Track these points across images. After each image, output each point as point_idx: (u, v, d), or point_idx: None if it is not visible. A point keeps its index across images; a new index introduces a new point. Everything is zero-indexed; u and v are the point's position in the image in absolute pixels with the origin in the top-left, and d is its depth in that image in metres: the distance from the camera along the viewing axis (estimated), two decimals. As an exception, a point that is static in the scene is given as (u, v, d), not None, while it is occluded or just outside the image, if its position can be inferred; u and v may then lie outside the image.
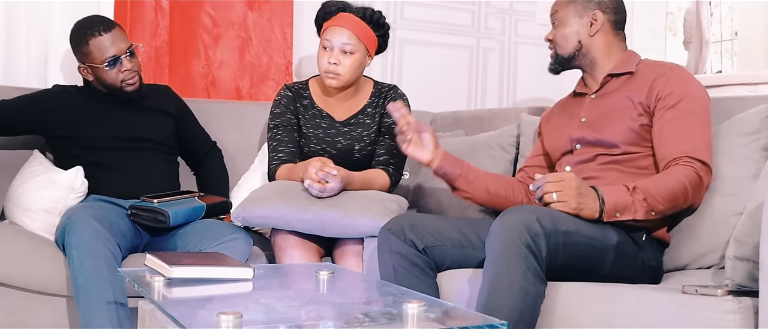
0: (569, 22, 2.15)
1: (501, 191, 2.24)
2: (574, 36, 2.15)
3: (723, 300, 1.51)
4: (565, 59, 2.18)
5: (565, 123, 2.20)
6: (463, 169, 2.21)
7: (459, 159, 2.24)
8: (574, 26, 2.15)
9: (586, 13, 2.13)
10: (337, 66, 2.46)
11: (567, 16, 2.16)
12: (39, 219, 2.36)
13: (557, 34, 2.18)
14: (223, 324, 1.20)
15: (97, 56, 2.45)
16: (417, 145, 2.19)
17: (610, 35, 2.15)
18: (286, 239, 2.33)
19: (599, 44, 2.14)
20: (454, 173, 2.20)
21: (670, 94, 1.98)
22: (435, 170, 2.21)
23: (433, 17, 3.62)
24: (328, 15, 2.51)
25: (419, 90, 3.32)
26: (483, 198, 2.24)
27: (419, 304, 1.35)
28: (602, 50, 2.14)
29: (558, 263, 1.78)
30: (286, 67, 3.24)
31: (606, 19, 2.14)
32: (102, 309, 2.07)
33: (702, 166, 1.91)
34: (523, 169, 2.36)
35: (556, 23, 2.19)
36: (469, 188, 2.22)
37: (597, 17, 2.13)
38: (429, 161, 2.19)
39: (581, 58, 2.16)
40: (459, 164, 2.21)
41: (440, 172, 2.21)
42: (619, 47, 2.17)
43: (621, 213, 1.85)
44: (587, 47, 2.15)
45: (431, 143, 2.18)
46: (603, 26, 2.13)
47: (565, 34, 2.16)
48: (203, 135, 2.82)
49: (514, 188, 2.27)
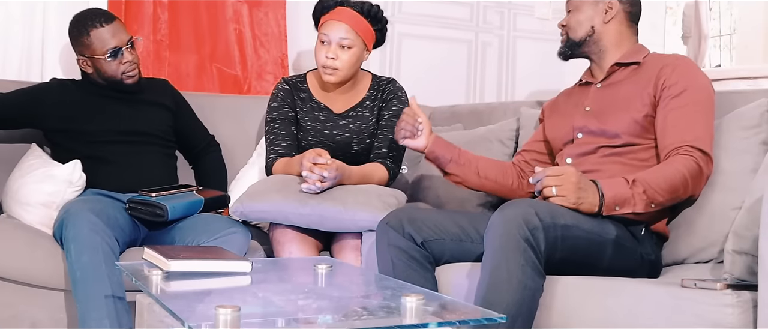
0: (584, 8, 2.16)
1: (491, 175, 2.24)
2: (587, 21, 2.15)
3: (722, 294, 1.51)
4: (576, 44, 2.18)
5: (569, 112, 2.20)
6: (453, 153, 2.23)
7: (451, 144, 2.25)
8: (589, 12, 2.15)
9: (603, 1, 2.14)
10: (334, 61, 2.45)
11: (583, 2, 2.16)
12: (37, 213, 2.36)
13: (571, 19, 2.19)
14: (222, 318, 1.20)
15: (98, 47, 2.45)
16: (413, 135, 2.22)
17: (623, 25, 2.15)
18: (285, 233, 2.33)
19: (611, 33, 2.14)
20: (445, 157, 2.22)
21: (675, 83, 1.98)
22: (427, 154, 2.23)
23: (432, 11, 3.61)
24: (325, 9, 2.50)
25: (418, 84, 3.31)
26: (474, 181, 2.25)
27: (418, 298, 1.35)
28: (613, 39, 2.15)
29: (557, 257, 1.78)
30: (282, 61, 3.23)
31: (621, 8, 2.14)
32: (100, 303, 2.06)
33: (702, 155, 1.91)
34: (520, 153, 2.37)
35: (571, 9, 2.20)
36: (459, 171, 2.23)
37: (613, 5, 2.14)
38: (424, 147, 2.20)
39: (591, 45, 2.16)
40: (450, 147, 2.23)
41: (432, 156, 2.23)
42: (630, 39, 2.17)
43: (620, 206, 1.85)
44: (599, 34, 2.15)
45: (426, 129, 2.20)
46: (617, 15, 2.14)
47: (579, 20, 2.17)
48: (201, 129, 2.81)
49: (507, 172, 2.28)
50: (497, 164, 2.30)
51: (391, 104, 2.56)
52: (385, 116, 2.55)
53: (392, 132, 2.51)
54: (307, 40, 3.21)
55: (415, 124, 2.20)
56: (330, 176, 2.24)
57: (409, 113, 2.21)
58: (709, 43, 5.94)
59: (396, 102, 2.56)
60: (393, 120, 2.53)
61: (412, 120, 2.20)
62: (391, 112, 2.55)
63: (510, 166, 2.31)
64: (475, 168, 2.24)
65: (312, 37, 2.57)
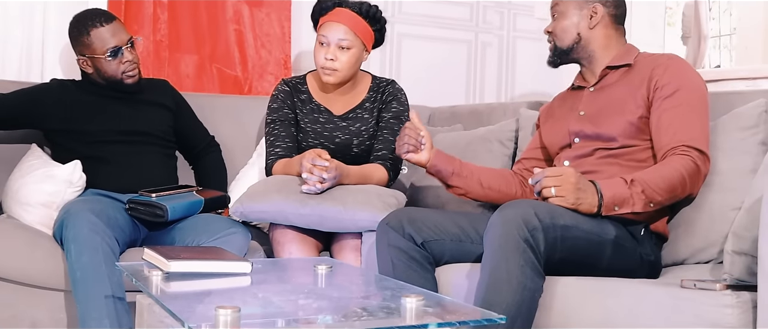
0: (569, 15, 2.15)
1: (494, 184, 2.24)
2: (573, 28, 2.15)
3: (721, 295, 1.51)
4: (564, 51, 2.18)
5: (563, 116, 2.20)
6: (455, 165, 2.21)
7: (451, 156, 2.24)
8: (574, 19, 2.15)
9: (587, 6, 2.13)
10: (333, 62, 2.45)
11: (567, 9, 2.15)
12: (37, 213, 2.36)
13: (557, 27, 2.18)
14: (222, 318, 1.20)
15: (98, 47, 2.45)
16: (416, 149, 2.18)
17: (609, 29, 2.15)
18: (285, 233, 2.33)
19: (598, 37, 2.14)
20: (447, 171, 2.20)
21: (667, 83, 1.98)
22: (428, 168, 2.21)
23: (432, 11, 3.61)
24: (324, 10, 2.50)
25: (417, 84, 3.32)
26: (477, 192, 2.24)
27: (417, 298, 1.35)
28: (601, 43, 2.14)
29: (556, 257, 1.78)
30: (285, 62, 3.23)
31: (606, 12, 2.13)
32: (100, 303, 2.06)
33: (699, 155, 1.91)
34: (520, 161, 2.36)
35: (556, 16, 2.19)
36: (462, 183, 2.22)
37: (597, 10, 2.13)
38: (427, 161, 2.19)
39: (580, 51, 2.16)
40: (451, 160, 2.21)
41: (433, 170, 2.21)
42: (619, 41, 2.17)
43: (619, 207, 1.85)
44: (586, 40, 2.14)
45: (428, 143, 2.19)
46: (603, 19, 2.13)
47: (565, 27, 2.16)
48: (201, 129, 2.81)
49: (509, 180, 2.27)
50: (499, 173, 2.29)
51: (390, 105, 2.56)
52: (384, 117, 2.55)
53: (392, 134, 2.51)
54: (308, 41, 3.21)
55: (418, 138, 2.18)
56: (329, 176, 2.24)
57: (411, 127, 2.18)
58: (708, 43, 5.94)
59: (396, 104, 2.56)
60: (393, 122, 2.53)
61: (414, 134, 2.17)
62: (390, 113, 2.55)
63: (511, 174, 2.31)
64: (478, 179, 2.23)
65: (312, 37, 2.57)
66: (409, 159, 2.20)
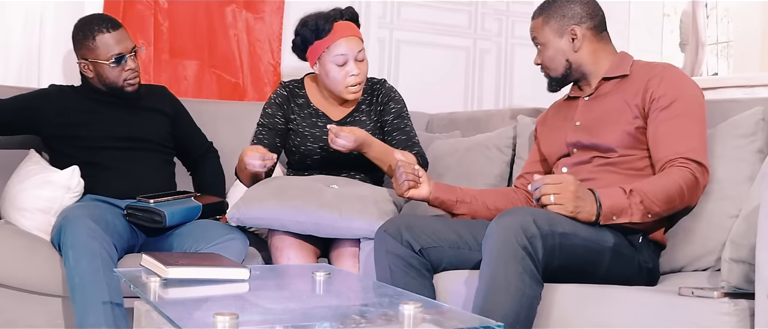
0: (551, 44, 2.16)
1: (500, 205, 2.23)
2: (560, 56, 2.15)
3: (719, 302, 1.51)
4: (560, 80, 2.19)
5: (559, 127, 2.20)
6: (457, 194, 2.21)
7: (450, 185, 2.24)
8: (557, 44, 2.15)
9: (565, 31, 2.13)
10: (357, 76, 2.46)
11: (547, 39, 2.16)
12: (35, 219, 2.36)
13: (544, 58, 2.19)
14: (220, 325, 1.20)
15: (102, 52, 2.45)
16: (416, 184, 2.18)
17: (594, 43, 2.15)
18: (283, 239, 2.33)
19: (586, 56, 2.14)
20: (450, 200, 2.20)
21: (663, 95, 1.98)
22: (431, 201, 2.21)
23: (430, 18, 3.62)
24: (323, 32, 2.46)
25: (416, 91, 3.32)
26: (484, 215, 2.23)
27: (415, 305, 1.35)
28: (591, 60, 2.15)
29: (554, 265, 1.78)
30: (275, 68, 3.24)
31: (585, 29, 2.13)
32: (98, 310, 2.06)
33: (698, 167, 1.91)
34: (521, 176, 2.36)
35: (539, 47, 2.20)
36: (467, 209, 2.22)
37: (576, 32, 2.12)
38: (428, 194, 2.19)
39: (574, 74, 2.17)
40: (452, 189, 2.22)
41: (437, 202, 2.21)
42: (607, 50, 2.17)
43: (618, 216, 1.85)
44: (576, 63, 2.15)
45: (424, 176, 2.19)
46: (584, 38, 2.13)
47: (551, 57, 2.17)
48: (199, 135, 2.81)
49: (512, 198, 2.28)
50: (503, 193, 2.29)
51: (389, 106, 2.58)
52: (388, 120, 2.57)
53: (402, 132, 2.52)
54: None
55: (415, 172, 2.18)
56: (345, 142, 2.28)
57: (405, 164, 2.16)
58: (706, 50, 5.95)
59: (393, 103, 2.59)
60: (397, 121, 2.55)
61: (411, 169, 2.17)
62: (392, 114, 2.56)
63: (513, 192, 2.31)
64: (483, 203, 2.23)
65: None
66: (412, 196, 2.18)
